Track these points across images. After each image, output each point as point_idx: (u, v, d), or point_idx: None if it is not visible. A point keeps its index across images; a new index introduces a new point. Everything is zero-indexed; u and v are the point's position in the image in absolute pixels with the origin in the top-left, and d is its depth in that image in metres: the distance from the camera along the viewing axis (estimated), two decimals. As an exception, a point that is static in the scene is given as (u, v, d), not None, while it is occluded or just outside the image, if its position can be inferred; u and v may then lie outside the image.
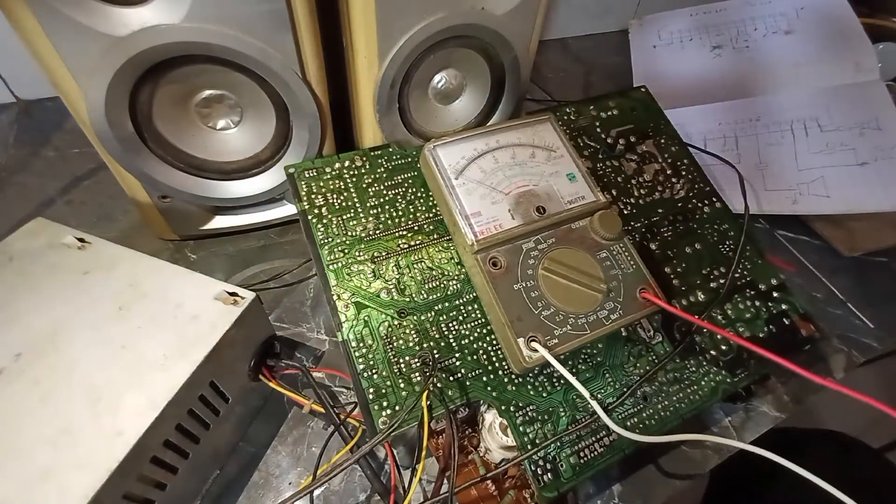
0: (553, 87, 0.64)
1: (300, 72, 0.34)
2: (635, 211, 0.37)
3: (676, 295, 0.34)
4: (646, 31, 0.62)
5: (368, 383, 0.28)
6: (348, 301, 0.30)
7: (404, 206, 0.33)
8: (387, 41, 0.33)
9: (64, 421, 0.23)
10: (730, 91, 0.55)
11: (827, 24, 0.54)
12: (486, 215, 0.30)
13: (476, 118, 0.42)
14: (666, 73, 0.59)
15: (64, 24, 0.27)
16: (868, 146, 0.48)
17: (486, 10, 0.35)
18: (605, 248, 0.31)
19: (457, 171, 0.32)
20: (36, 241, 0.30)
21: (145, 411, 0.24)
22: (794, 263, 0.47)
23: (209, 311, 0.28)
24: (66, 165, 0.48)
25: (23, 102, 0.54)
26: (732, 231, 0.38)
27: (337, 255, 0.31)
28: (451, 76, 0.39)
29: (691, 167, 0.40)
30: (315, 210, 0.32)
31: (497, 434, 0.28)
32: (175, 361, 0.25)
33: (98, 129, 0.32)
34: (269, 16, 0.30)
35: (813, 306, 0.43)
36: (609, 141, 0.39)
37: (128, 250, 0.30)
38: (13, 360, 0.25)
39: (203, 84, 0.34)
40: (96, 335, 0.26)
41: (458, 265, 0.32)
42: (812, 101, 0.51)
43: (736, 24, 0.58)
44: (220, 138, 0.37)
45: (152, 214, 0.40)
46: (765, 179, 0.50)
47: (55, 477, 0.22)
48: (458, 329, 0.30)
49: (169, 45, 0.30)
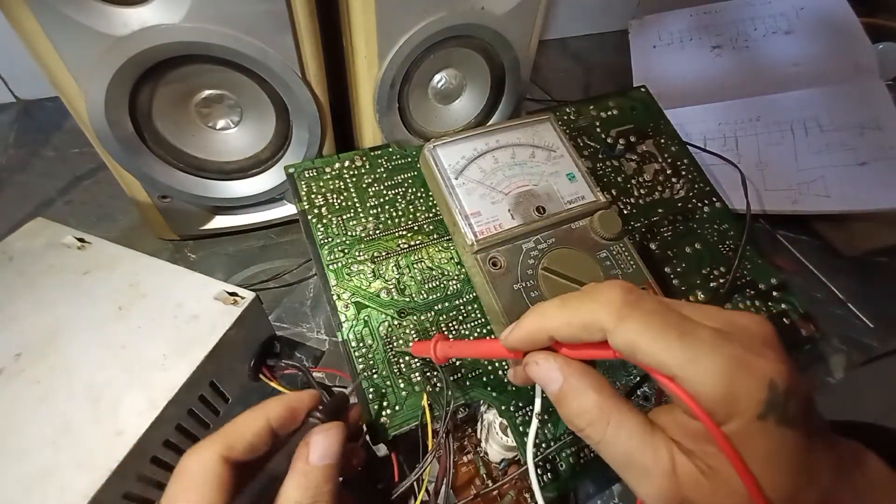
0: (553, 87, 0.64)
1: (300, 72, 0.34)
2: (635, 211, 0.37)
3: (676, 295, 0.34)
4: (646, 31, 0.62)
5: (368, 383, 0.28)
6: (348, 301, 0.30)
7: (404, 206, 0.33)
8: (387, 41, 0.33)
9: (64, 421, 0.23)
10: (730, 91, 0.55)
11: (827, 24, 0.54)
12: (485, 215, 0.30)
13: (476, 118, 0.42)
14: (666, 73, 0.59)
15: (64, 24, 0.27)
16: (868, 146, 0.48)
17: (486, 10, 0.35)
18: (605, 248, 0.31)
19: (457, 170, 0.32)
20: (36, 241, 0.30)
21: (145, 411, 0.24)
22: (794, 263, 0.47)
23: (209, 311, 0.28)
24: (65, 165, 0.48)
25: (23, 102, 0.54)
26: (732, 231, 0.38)
27: (337, 255, 0.31)
28: (451, 76, 0.39)
29: (691, 167, 0.40)
30: (315, 210, 0.32)
31: (497, 434, 0.28)
32: (175, 361, 0.25)
33: (98, 129, 0.32)
34: (269, 16, 0.30)
35: (813, 306, 0.43)
36: (609, 141, 0.39)
37: (128, 250, 0.30)
38: (13, 360, 0.25)
39: (203, 84, 0.34)
40: (96, 335, 0.26)
41: (458, 265, 0.32)
42: (812, 101, 0.51)
43: (736, 24, 0.58)
44: (220, 138, 0.37)
45: (152, 214, 0.40)
46: (765, 179, 0.49)
47: (55, 477, 0.22)
48: (458, 329, 0.30)
49: (169, 45, 0.30)
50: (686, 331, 0.16)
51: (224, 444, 0.19)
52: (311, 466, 0.19)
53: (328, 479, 0.19)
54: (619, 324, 0.16)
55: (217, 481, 0.18)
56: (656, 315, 0.16)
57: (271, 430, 0.21)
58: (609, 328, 0.16)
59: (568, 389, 0.18)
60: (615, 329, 0.16)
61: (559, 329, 0.18)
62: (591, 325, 0.17)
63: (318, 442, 0.20)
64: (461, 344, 0.24)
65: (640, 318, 0.16)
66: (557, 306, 0.18)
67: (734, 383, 0.15)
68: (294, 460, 0.20)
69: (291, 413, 0.22)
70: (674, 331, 0.16)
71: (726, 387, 0.15)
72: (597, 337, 0.17)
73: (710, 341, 0.15)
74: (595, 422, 0.17)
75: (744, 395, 0.15)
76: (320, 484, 0.19)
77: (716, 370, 0.15)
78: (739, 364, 0.15)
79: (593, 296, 0.17)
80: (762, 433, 0.15)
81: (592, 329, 0.17)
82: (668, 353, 0.15)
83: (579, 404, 0.18)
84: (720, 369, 0.15)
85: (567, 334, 0.18)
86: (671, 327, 0.16)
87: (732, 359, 0.15)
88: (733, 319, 0.17)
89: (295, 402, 0.22)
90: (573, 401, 0.18)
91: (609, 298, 0.17)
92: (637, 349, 0.16)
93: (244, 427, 0.20)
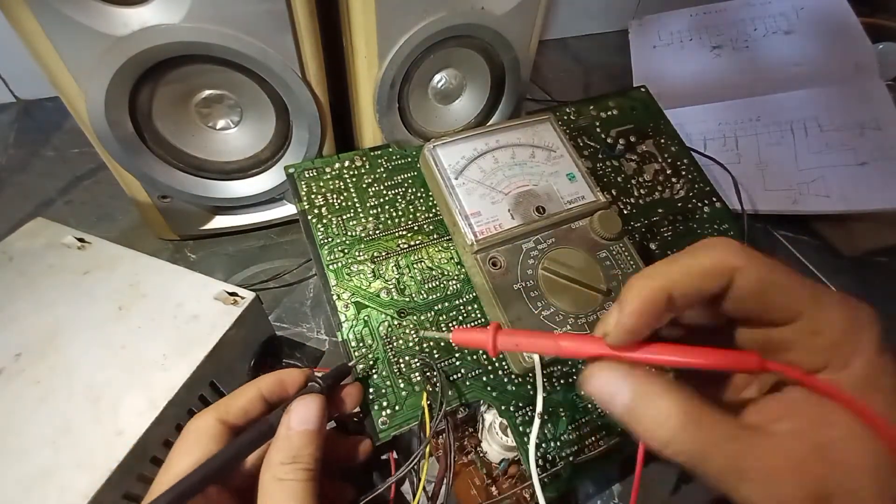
0: (553, 87, 0.64)
1: (300, 72, 0.34)
2: (635, 211, 0.37)
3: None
4: (646, 31, 0.62)
5: (368, 383, 0.28)
6: (348, 301, 0.30)
7: (404, 206, 0.33)
8: (387, 41, 0.33)
9: (64, 421, 0.23)
10: (730, 91, 0.55)
11: (827, 25, 0.54)
12: (485, 215, 0.30)
13: (476, 118, 0.42)
14: (666, 73, 0.59)
15: (64, 24, 0.27)
16: (868, 146, 0.48)
17: (486, 10, 0.35)
18: (605, 248, 0.31)
19: (457, 170, 0.32)
20: (36, 241, 0.30)
21: (145, 411, 0.24)
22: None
23: (209, 311, 0.28)
24: (65, 165, 0.48)
25: (23, 102, 0.54)
26: (732, 231, 0.38)
27: (337, 255, 0.31)
28: (451, 76, 0.39)
29: (691, 167, 0.40)
30: (315, 210, 0.32)
31: (497, 434, 0.28)
32: (175, 361, 0.25)
33: (98, 129, 0.32)
34: (269, 16, 0.30)
35: (813, 306, 0.43)
36: (609, 141, 0.39)
37: (128, 250, 0.30)
38: (13, 360, 0.25)
39: (203, 84, 0.34)
40: (96, 335, 0.26)
41: (458, 265, 0.32)
42: (812, 101, 0.51)
43: (736, 24, 0.58)
44: (220, 138, 0.37)
45: (152, 214, 0.40)
46: (765, 179, 0.49)
47: (55, 477, 0.22)
48: (458, 329, 0.30)
49: (169, 45, 0.30)
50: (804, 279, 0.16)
51: (221, 409, 0.23)
52: (291, 431, 0.22)
53: (307, 443, 0.22)
54: (752, 260, 0.16)
55: (213, 438, 0.22)
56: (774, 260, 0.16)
57: (262, 398, 0.24)
58: (740, 265, 0.16)
59: (638, 399, 0.16)
60: (748, 265, 0.16)
61: (679, 282, 0.16)
62: (717, 267, 0.16)
63: (298, 410, 0.22)
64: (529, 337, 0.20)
65: (766, 259, 0.16)
66: (667, 262, 0.17)
67: (856, 321, 0.16)
68: (279, 426, 0.22)
69: (280, 385, 0.24)
70: (795, 275, 0.16)
71: (849, 323, 0.16)
72: (722, 283, 0.16)
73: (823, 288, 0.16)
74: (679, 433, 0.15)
75: (865, 331, 0.16)
76: (299, 447, 0.21)
77: (839, 309, 0.16)
78: (855, 308, 0.16)
79: (706, 245, 0.17)
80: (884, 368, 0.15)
81: (720, 272, 0.16)
82: (800, 290, 0.16)
83: (657, 413, 0.15)
84: (842, 308, 0.16)
85: (689, 287, 0.16)
86: (793, 272, 0.16)
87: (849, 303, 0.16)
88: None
89: (285, 375, 0.25)
90: (648, 410, 0.15)
91: (727, 244, 0.17)
92: (772, 285, 0.16)
93: (239, 395, 0.24)
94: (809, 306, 0.16)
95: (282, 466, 0.21)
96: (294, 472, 0.21)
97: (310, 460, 0.21)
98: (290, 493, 0.20)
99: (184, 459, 0.21)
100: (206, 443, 0.21)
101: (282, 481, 0.21)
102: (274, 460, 0.21)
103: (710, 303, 0.17)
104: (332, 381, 0.25)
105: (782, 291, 0.16)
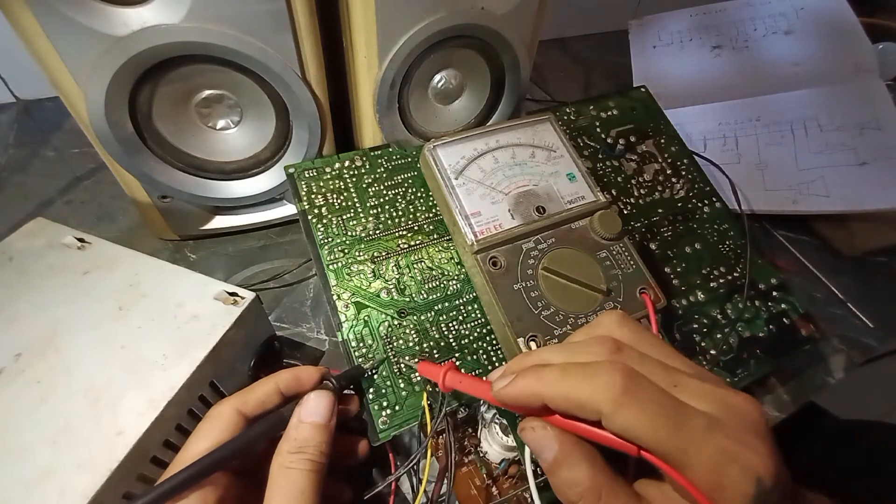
0: (553, 87, 0.64)
1: (300, 72, 0.34)
2: (635, 211, 0.37)
3: (676, 295, 0.34)
4: (646, 32, 0.62)
5: (368, 383, 0.28)
6: (348, 301, 0.30)
7: (404, 206, 0.33)
8: (387, 41, 0.33)
9: (64, 421, 0.23)
10: (730, 91, 0.55)
11: (827, 24, 0.54)
12: (485, 215, 0.30)
13: (476, 118, 0.42)
14: (666, 73, 0.59)
15: (64, 24, 0.27)
16: (868, 146, 0.48)
17: (486, 10, 0.35)
18: (605, 248, 0.31)
19: (457, 171, 0.32)
20: (36, 241, 0.30)
21: (145, 411, 0.24)
22: (794, 263, 0.47)
23: (209, 311, 0.28)
24: (65, 165, 0.48)
25: (23, 102, 0.54)
26: (732, 231, 0.38)
27: (337, 255, 0.31)
28: (450, 76, 0.39)
29: (691, 167, 0.40)
30: (315, 210, 0.32)
31: (497, 434, 0.28)
32: (175, 361, 0.25)
33: (98, 129, 0.32)
34: (269, 16, 0.30)
35: (813, 306, 0.43)
36: (609, 141, 0.39)
37: (128, 250, 0.30)
38: (13, 360, 0.25)
39: (203, 84, 0.34)
40: (96, 335, 0.26)
41: (458, 265, 0.32)
42: (812, 101, 0.51)
43: (736, 24, 0.58)
44: (220, 138, 0.37)
45: (152, 214, 0.40)
46: (765, 179, 0.49)
47: (55, 477, 0.22)
48: (458, 329, 0.30)
49: (169, 45, 0.30)
50: (681, 421, 0.17)
51: (240, 399, 0.24)
52: (301, 422, 0.23)
53: (315, 435, 0.23)
54: (617, 410, 0.17)
55: (230, 425, 0.23)
56: (653, 404, 0.17)
57: (279, 391, 0.25)
58: (606, 413, 0.17)
59: (562, 460, 0.18)
60: (612, 414, 0.17)
61: (555, 401, 0.19)
62: (587, 405, 0.18)
63: (308, 403, 0.24)
64: (470, 380, 0.24)
65: (637, 407, 0.17)
66: (557, 377, 0.19)
67: (722, 475, 0.16)
68: (291, 418, 0.23)
69: (297, 380, 0.25)
70: (670, 420, 0.17)
71: (715, 479, 0.16)
72: (591, 418, 0.18)
73: (702, 431, 0.17)
74: (586, 495, 0.18)
75: (730, 486, 0.16)
76: (307, 437, 0.22)
77: (706, 461, 0.16)
78: (729, 457, 0.16)
79: (595, 375, 0.18)
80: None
81: (589, 410, 0.18)
82: (663, 442, 0.16)
83: (571, 476, 0.18)
84: (710, 460, 0.16)
85: (562, 408, 0.19)
86: (667, 417, 0.17)
87: (723, 451, 0.16)
88: (727, 400, 0.18)
89: (301, 371, 0.26)
90: (566, 472, 0.18)
91: (609, 382, 0.17)
92: (632, 435, 0.17)
93: (257, 388, 0.25)
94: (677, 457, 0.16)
95: (289, 455, 0.22)
96: (300, 462, 0.22)
97: (316, 452, 0.22)
98: (294, 480, 0.21)
99: (202, 442, 0.22)
100: (223, 429, 0.23)
101: (288, 469, 0.22)
102: (282, 449, 0.22)
103: None
104: (346, 381, 0.26)
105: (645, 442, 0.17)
